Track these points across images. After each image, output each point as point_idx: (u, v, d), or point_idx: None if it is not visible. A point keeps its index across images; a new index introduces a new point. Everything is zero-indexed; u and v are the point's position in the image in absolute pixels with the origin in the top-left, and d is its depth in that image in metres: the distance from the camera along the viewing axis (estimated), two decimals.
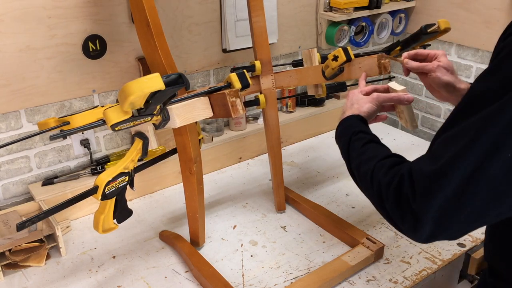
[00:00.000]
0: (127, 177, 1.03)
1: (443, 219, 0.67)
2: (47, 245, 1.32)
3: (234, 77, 1.07)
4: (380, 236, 1.42)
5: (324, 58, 1.35)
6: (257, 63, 1.38)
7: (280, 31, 1.86)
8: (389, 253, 1.35)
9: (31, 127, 1.43)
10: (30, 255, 1.30)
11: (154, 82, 0.83)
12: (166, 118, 1.00)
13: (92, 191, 0.99)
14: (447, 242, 1.39)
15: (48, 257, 1.34)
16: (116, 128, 0.91)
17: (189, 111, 1.04)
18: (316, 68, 1.35)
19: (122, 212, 1.08)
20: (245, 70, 1.10)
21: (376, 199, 0.78)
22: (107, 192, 0.99)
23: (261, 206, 1.59)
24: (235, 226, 1.49)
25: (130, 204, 1.23)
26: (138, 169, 1.16)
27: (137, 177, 1.12)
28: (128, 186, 1.05)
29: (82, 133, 1.52)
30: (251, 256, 1.35)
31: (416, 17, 2.17)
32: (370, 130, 0.98)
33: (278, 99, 1.69)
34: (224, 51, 1.74)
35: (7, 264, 1.27)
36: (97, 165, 1.55)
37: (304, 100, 2.05)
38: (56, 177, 1.50)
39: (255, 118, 1.92)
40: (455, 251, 1.36)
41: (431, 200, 0.67)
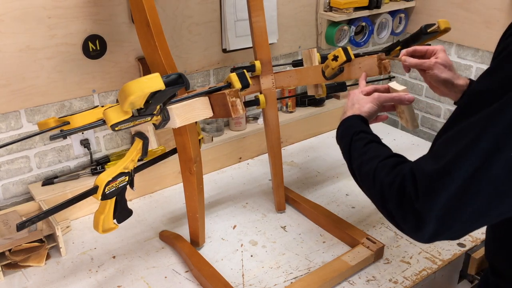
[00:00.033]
0: (127, 177, 1.03)
1: (446, 218, 0.67)
2: (47, 245, 1.32)
3: (234, 77, 1.07)
4: (380, 236, 1.42)
5: (324, 58, 1.35)
6: (257, 63, 1.38)
7: (280, 31, 1.86)
8: (389, 253, 1.35)
9: (31, 127, 1.43)
10: (30, 255, 1.30)
11: (154, 82, 0.83)
12: (166, 118, 1.00)
13: (92, 191, 0.99)
14: (447, 242, 1.39)
15: (48, 257, 1.33)
16: (116, 128, 0.91)
17: (189, 111, 1.04)
18: (316, 68, 1.35)
19: (122, 212, 1.08)
20: (245, 70, 1.10)
21: (378, 199, 0.78)
22: (107, 192, 0.99)
23: (261, 206, 1.59)
24: (235, 226, 1.49)
25: (130, 204, 1.23)
26: (138, 169, 1.16)
27: (137, 177, 1.12)
28: (128, 186, 1.05)
29: (82, 133, 1.52)
30: (251, 256, 1.35)
31: (416, 17, 2.17)
32: (371, 130, 0.98)
33: (278, 99, 1.69)
34: (224, 51, 1.74)
35: (7, 264, 1.27)
36: (97, 165, 1.55)
37: (304, 100, 2.05)
38: (56, 177, 1.50)
39: (255, 118, 1.92)
40: (455, 251, 1.36)
41: (434, 199, 0.67)
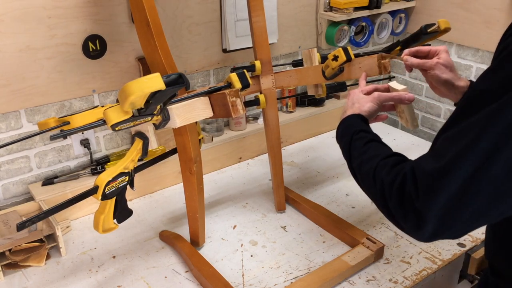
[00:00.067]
0: (127, 177, 1.03)
1: (446, 218, 0.67)
2: (47, 245, 1.32)
3: (234, 77, 1.07)
4: (380, 236, 1.42)
5: (324, 58, 1.35)
6: (257, 63, 1.38)
7: (280, 31, 1.86)
8: (389, 253, 1.35)
9: (31, 127, 1.43)
10: (30, 255, 1.30)
11: (154, 82, 0.83)
12: (166, 118, 1.00)
13: (92, 191, 0.99)
14: (447, 242, 1.39)
15: (48, 257, 1.33)
16: (116, 128, 0.91)
17: (189, 111, 1.04)
18: (316, 68, 1.35)
19: (122, 212, 1.08)
20: (245, 70, 1.10)
21: (379, 198, 0.78)
22: (107, 192, 0.99)
23: (261, 206, 1.59)
24: (235, 226, 1.49)
25: (130, 204, 1.23)
26: (138, 169, 1.16)
27: (137, 177, 1.12)
28: (128, 186, 1.05)
29: (82, 133, 1.52)
30: (251, 256, 1.35)
31: (416, 17, 2.17)
32: (371, 129, 0.98)
33: (278, 99, 1.69)
34: (224, 51, 1.74)
35: (7, 264, 1.27)
36: (97, 165, 1.55)
37: (304, 100, 2.05)
38: (56, 177, 1.50)
39: (255, 118, 1.92)
40: (455, 251, 1.36)
41: (435, 198, 0.67)
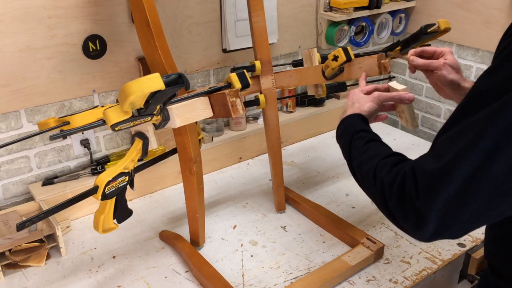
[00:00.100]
0: (127, 177, 1.03)
1: (447, 218, 0.67)
2: (47, 245, 1.32)
3: (234, 77, 1.07)
4: (380, 236, 1.42)
5: (324, 58, 1.35)
6: (257, 63, 1.38)
7: (280, 31, 1.86)
8: (389, 253, 1.35)
9: (31, 127, 1.43)
10: (30, 255, 1.30)
11: (154, 82, 0.83)
12: (166, 118, 1.00)
13: (92, 191, 0.99)
14: (447, 242, 1.39)
15: (48, 257, 1.33)
16: (116, 128, 0.91)
17: (189, 111, 1.04)
18: (316, 68, 1.35)
19: (122, 212, 1.08)
20: (245, 70, 1.10)
21: (379, 198, 0.78)
22: (107, 192, 0.99)
23: (261, 206, 1.59)
24: (235, 226, 1.49)
25: (130, 204, 1.23)
26: (138, 169, 1.16)
27: (137, 177, 1.12)
28: (128, 186, 1.05)
29: (82, 133, 1.52)
30: (251, 256, 1.35)
31: (416, 17, 2.17)
32: (371, 129, 0.98)
33: (278, 99, 1.69)
34: (224, 51, 1.74)
35: (7, 264, 1.27)
36: (97, 165, 1.55)
37: (304, 100, 2.05)
38: (56, 177, 1.50)
39: (255, 118, 1.92)
40: (455, 251, 1.36)
41: (435, 198, 0.67)
